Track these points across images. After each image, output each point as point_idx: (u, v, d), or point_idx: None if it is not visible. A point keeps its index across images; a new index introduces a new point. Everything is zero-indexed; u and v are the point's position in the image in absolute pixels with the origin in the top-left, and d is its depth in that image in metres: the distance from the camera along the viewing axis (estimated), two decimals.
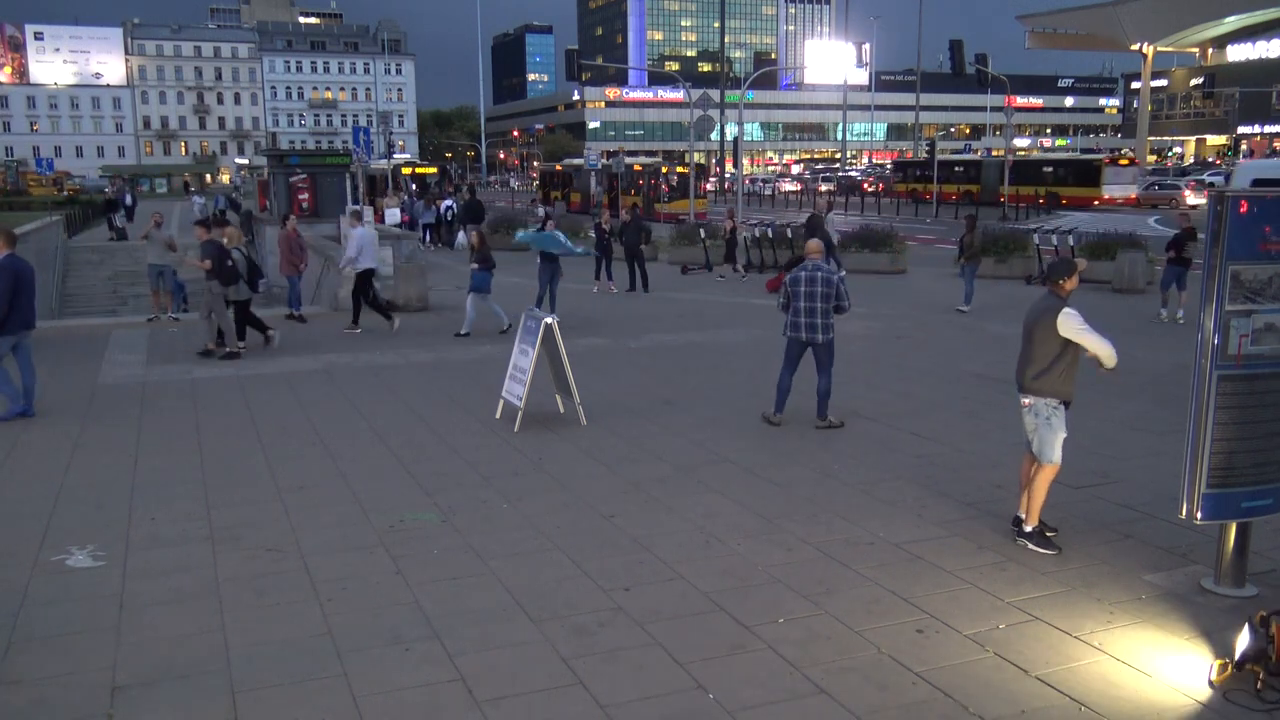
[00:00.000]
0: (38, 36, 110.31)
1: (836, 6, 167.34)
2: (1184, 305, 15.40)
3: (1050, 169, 49.46)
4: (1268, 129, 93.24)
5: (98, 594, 5.69)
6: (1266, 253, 5.18)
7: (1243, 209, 5.11)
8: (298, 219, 18.24)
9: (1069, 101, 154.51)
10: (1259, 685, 4.50)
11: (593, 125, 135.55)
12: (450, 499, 7.27)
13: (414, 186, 43.99)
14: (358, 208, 20.34)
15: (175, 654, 4.96)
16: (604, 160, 50.64)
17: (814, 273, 8.96)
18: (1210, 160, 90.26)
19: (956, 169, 54.25)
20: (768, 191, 67.00)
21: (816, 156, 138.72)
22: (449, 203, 34.51)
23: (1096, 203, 44.56)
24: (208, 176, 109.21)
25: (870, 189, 61.41)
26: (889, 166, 73.13)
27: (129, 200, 41.00)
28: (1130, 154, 57.54)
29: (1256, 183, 16.67)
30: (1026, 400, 6.34)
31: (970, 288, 16.73)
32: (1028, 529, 6.27)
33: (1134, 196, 46.67)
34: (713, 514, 6.92)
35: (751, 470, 7.92)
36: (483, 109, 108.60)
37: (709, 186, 52.52)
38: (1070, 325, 6.04)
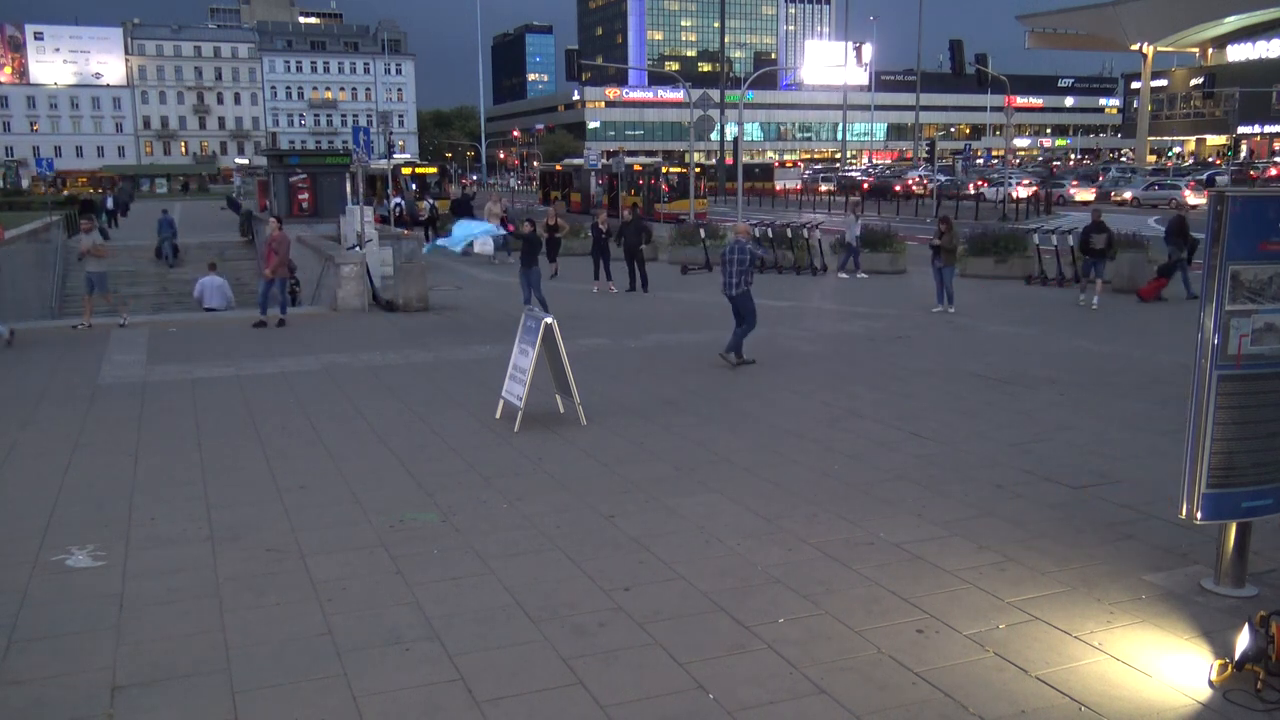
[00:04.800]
0: (38, 36, 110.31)
1: (836, 6, 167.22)
2: (1100, 292, 17.47)
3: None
4: (1268, 129, 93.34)
5: (98, 594, 5.69)
6: (1266, 253, 5.18)
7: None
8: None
9: (1069, 101, 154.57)
10: (1259, 685, 4.50)
11: (593, 125, 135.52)
12: (450, 499, 7.27)
13: (414, 186, 44.02)
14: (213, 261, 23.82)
15: (175, 654, 4.95)
16: (604, 160, 50.61)
17: (733, 245, 12.17)
18: (1210, 160, 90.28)
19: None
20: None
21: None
22: (397, 200, 35.27)
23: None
24: (207, 176, 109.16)
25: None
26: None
27: (110, 204, 40.39)
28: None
29: None
30: None
31: (950, 288, 16.73)
32: None
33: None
34: (713, 514, 6.91)
35: (751, 470, 7.92)
36: (483, 109, 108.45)
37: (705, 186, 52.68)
38: None
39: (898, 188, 59.85)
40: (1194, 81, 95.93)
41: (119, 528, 6.73)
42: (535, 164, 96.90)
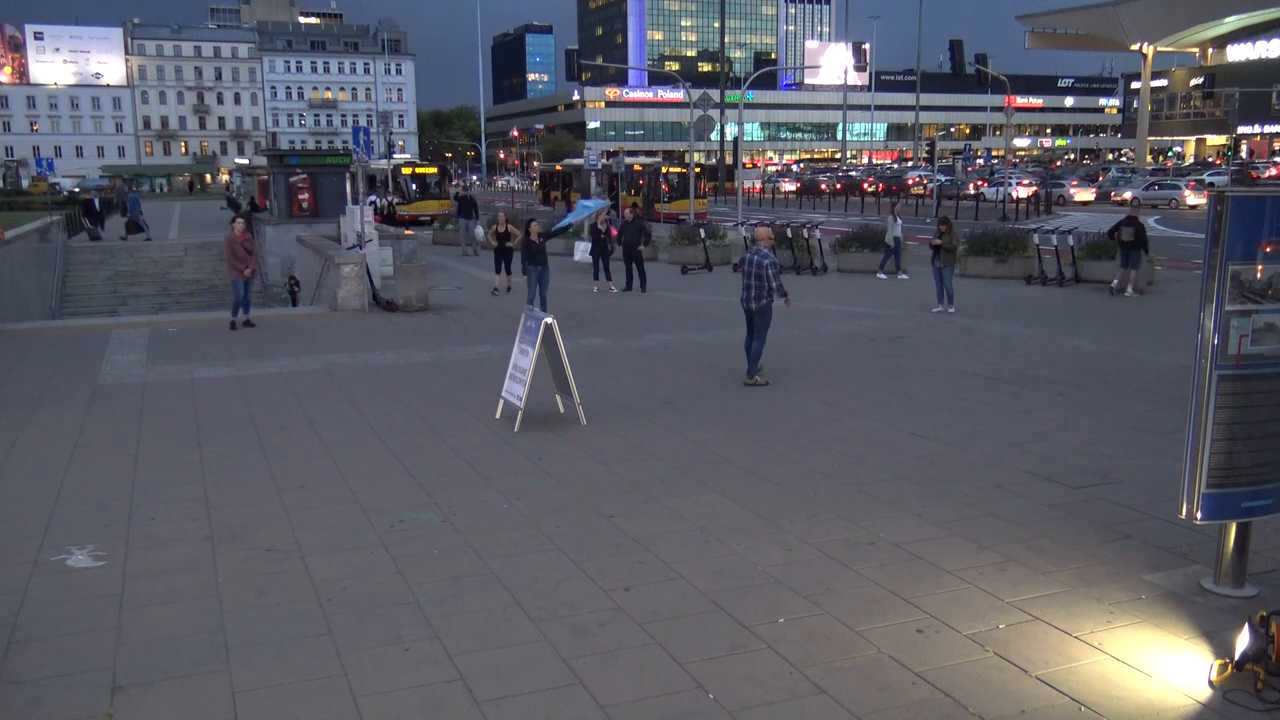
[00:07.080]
0: (38, 36, 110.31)
1: (836, 6, 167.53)
2: (1133, 282, 18.46)
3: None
4: (1268, 129, 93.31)
5: (98, 594, 5.69)
6: (1266, 253, 5.17)
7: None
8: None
9: (1069, 101, 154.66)
10: (1259, 685, 4.50)
11: (593, 125, 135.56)
12: (450, 499, 7.27)
13: (414, 187, 44.09)
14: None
15: (175, 654, 4.95)
16: (604, 160, 50.60)
17: (753, 257, 11.35)
18: (1210, 160, 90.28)
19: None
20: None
21: (817, 156, 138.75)
22: (371, 198, 36.22)
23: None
24: (208, 176, 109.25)
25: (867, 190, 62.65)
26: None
27: (97, 206, 39.63)
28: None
29: None
30: None
31: (950, 288, 16.74)
32: None
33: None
34: (713, 514, 6.92)
35: (751, 470, 7.92)
36: (483, 109, 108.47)
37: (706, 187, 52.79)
38: None
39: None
40: (1194, 81, 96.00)
41: (119, 528, 6.73)
42: (535, 164, 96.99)
